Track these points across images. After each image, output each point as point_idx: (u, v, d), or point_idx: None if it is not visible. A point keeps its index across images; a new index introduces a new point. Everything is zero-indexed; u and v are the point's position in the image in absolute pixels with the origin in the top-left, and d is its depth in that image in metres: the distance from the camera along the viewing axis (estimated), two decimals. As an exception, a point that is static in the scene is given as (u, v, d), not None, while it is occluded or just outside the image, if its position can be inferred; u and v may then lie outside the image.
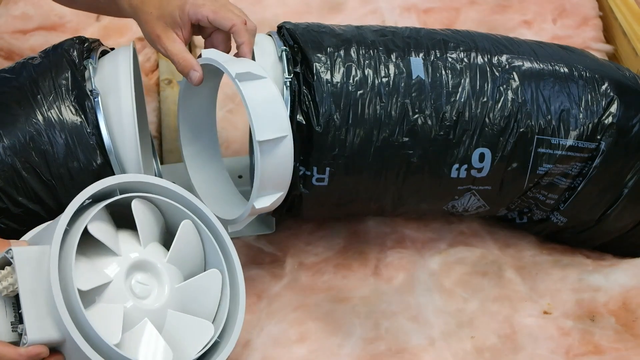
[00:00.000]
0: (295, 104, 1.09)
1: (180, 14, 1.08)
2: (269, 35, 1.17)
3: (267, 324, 1.15)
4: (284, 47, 1.12)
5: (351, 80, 1.10)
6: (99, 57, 1.14)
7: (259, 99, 1.02)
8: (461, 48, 1.15)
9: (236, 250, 1.25)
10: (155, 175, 1.30)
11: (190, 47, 1.56)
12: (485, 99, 1.12)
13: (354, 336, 1.14)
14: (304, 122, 1.09)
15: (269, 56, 1.12)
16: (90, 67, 1.09)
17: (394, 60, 1.12)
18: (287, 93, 1.09)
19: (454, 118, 1.11)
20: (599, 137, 1.14)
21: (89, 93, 1.07)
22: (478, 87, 1.12)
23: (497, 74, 1.13)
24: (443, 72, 1.12)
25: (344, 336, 1.14)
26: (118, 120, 1.08)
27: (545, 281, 1.21)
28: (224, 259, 1.02)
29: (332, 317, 1.16)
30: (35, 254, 0.90)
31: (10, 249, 0.90)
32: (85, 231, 0.94)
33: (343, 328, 1.15)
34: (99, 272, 0.94)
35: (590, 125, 1.14)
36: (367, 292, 1.20)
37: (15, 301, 0.91)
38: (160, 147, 1.37)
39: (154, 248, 1.00)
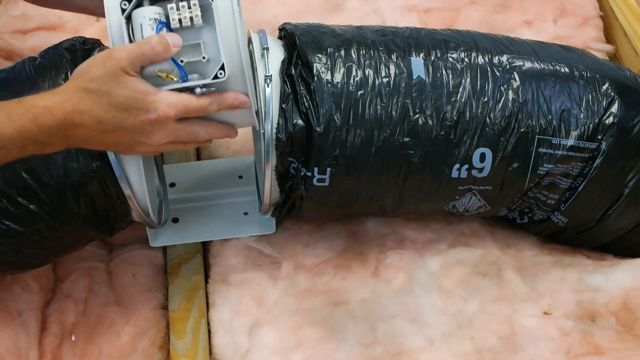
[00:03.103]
0: (293, 105, 1.09)
1: None
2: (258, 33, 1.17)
3: (264, 329, 1.15)
4: (266, 46, 1.11)
5: (352, 81, 1.09)
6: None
7: None
8: (462, 48, 1.15)
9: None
10: (156, 178, 1.30)
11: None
12: (486, 99, 1.12)
13: (350, 340, 1.14)
14: (304, 123, 1.09)
15: (274, 57, 1.12)
16: None
17: (394, 60, 1.12)
18: (288, 92, 1.09)
19: (455, 118, 1.11)
20: (599, 137, 1.14)
21: None
22: (479, 87, 1.12)
23: (497, 74, 1.13)
24: (444, 72, 1.12)
25: (340, 341, 1.14)
26: (118, 120, 1.07)
27: (546, 281, 1.21)
28: None
29: (330, 321, 1.16)
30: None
31: None
32: None
33: (340, 333, 1.15)
34: None
35: (591, 125, 1.13)
36: (366, 294, 1.20)
37: None
38: (160, 147, 1.37)
39: None
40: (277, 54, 1.13)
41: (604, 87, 1.16)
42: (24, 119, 0.92)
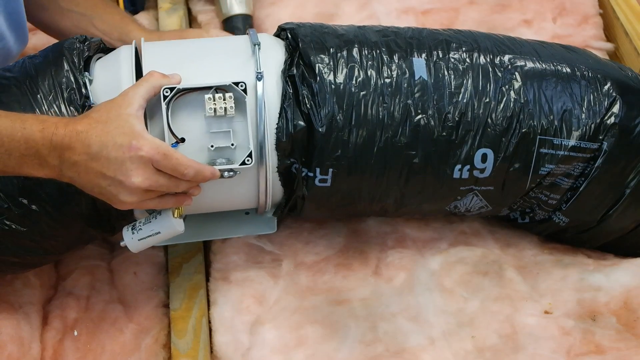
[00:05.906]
0: (294, 105, 1.09)
1: None
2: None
3: (265, 327, 1.15)
4: (258, 42, 1.11)
5: (354, 81, 1.09)
6: (100, 56, 1.13)
7: None
8: (463, 48, 1.15)
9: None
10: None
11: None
12: (487, 100, 1.12)
13: (351, 339, 1.14)
14: (305, 124, 1.09)
15: (274, 57, 1.12)
16: (87, 80, 1.08)
17: (396, 60, 1.12)
18: (290, 92, 1.09)
19: (457, 118, 1.11)
20: (601, 137, 1.14)
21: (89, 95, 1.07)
22: (480, 88, 1.12)
23: (499, 74, 1.13)
24: (445, 72, 1.12)
25: (341, 339, 1.14)
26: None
27: (547, 281, 1.21)
28: None
29: (331, 320, 1.16)
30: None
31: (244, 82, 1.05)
32: None
33: (341, 331, 1.15)
34: None
35: (592, 126, 1.14)
36: (367, 293, 1.20)
37: None
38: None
39: None
40: (278, 53, 1.13)
41: (606, 87, 1.16)
42: (34, 128, 0.98)
